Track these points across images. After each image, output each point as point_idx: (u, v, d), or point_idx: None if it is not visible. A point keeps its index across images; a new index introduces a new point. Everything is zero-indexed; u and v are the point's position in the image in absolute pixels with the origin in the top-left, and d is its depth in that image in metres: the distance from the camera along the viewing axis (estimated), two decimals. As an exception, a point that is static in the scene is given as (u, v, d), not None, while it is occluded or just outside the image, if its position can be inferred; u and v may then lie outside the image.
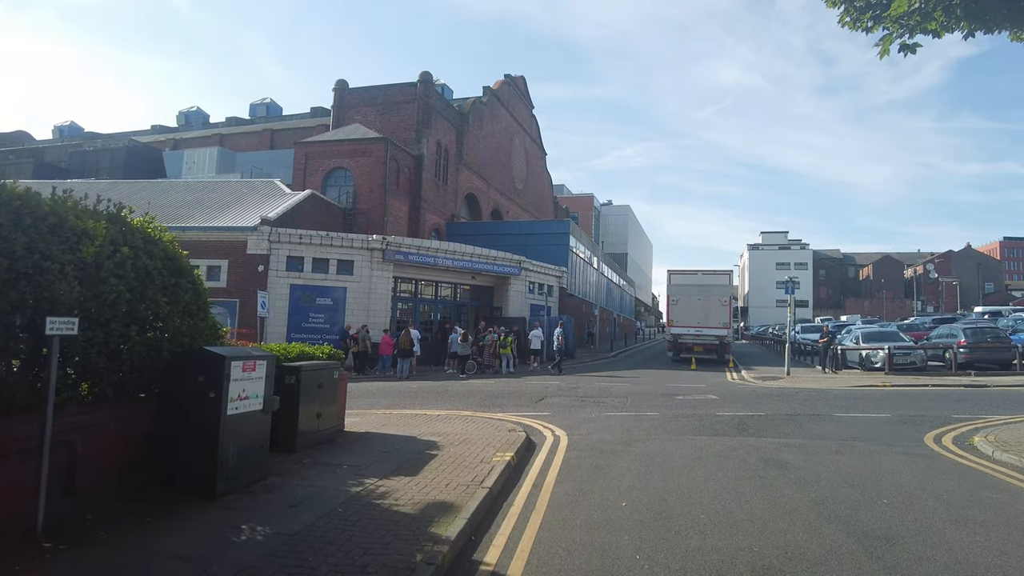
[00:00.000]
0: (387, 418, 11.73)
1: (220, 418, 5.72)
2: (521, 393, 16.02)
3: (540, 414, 12.43)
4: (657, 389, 17.08)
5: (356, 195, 33.86)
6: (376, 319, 26.25)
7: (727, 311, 27.15)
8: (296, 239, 25.79)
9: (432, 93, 37.71)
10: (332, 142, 35.02)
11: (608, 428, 10.67)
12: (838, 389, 17.20)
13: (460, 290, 31.40)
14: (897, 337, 23.13)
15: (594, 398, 14.96)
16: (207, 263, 26.16)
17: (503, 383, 18.98)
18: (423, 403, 14.48)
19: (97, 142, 48.30)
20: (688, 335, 27.22)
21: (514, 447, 8.55)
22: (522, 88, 54.60)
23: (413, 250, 27.46)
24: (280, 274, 25.65)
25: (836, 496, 6.42)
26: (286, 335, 25.47)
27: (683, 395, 15.58)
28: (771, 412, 12.37)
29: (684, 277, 27.78)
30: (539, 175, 59.19)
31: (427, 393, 16.41)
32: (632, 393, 15.99)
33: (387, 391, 16.99)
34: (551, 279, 34.19)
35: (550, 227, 40.34)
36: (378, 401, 14.82)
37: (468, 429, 10.30)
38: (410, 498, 6.12)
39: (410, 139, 36.70)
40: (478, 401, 14.59)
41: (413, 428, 10.38)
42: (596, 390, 16.73)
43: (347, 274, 26.30)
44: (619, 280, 60.74)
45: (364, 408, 13.62)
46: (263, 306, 23.59)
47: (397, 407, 13.87)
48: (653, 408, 13.14)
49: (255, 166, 41.98)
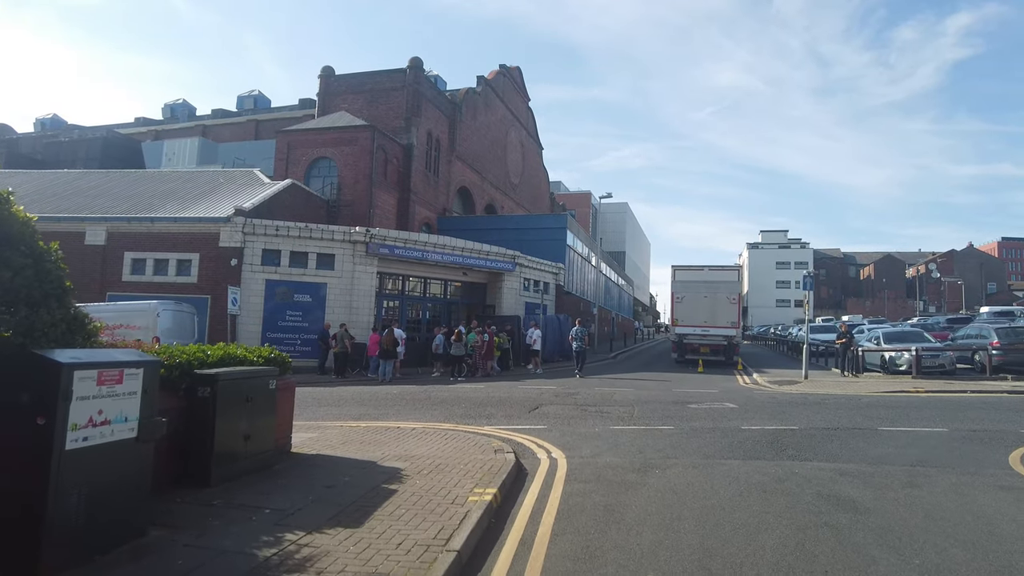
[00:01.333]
0: (351, 433, 9.84)
1: (52, 456, 3.83)
2: (513, 401, 14.14)
3: (534, 427, 10.56)
4: (666, 395, 15.22)
5: (340, 186, 31.93)
6: (359, 317, 24.35)
7: (736, 309, 25.30)
8: (272, 231, 23.86)
9: (422, 80, 35.80)
10: (315, 130, 33.07)
11: (616, 447, 8.79)
12: (868, 396, 15.38)
13: (451, 287, 29.51)
14: (921, 338, 21.33)
15: (596, 407, 13.08)
16: (177, 256, 24.30)
17: (494, 388, 17.10)
18: (400, 412, 12.59)
19: (74, 133, 46.23)
20: (694, 335, 25.37)
21: (498, 478, 6.67)
22: (518, 80, 52.71)
23: (399, 243, 25.55)
24: (255, 269, 23.73)
25: (949, 563, 4.55)
26: (260, 335, 23.59)
27: (696, 403, 13.71)
28: (805, 426, 10.51)
29: (689, 273, 25.92)
30: (535, 170, 57.32)
31: (407, 400, 14.52)
32: (639, 401, 14.12)
33: (363, 397, 15.10)
34: (547, 276, 32.31)
35: (547, 221, 38.46)
36: (348, 410, 12.92)
37: (445, 450, 8.42)
38: (341, 568, 4.23)
39: (399, 128, 34.78)
40: (463, 410, 12.71)
41: (378, 448, 8.49)
42: (598, 397, 14.86)
43: (327, 269, 24.39)
44: (618, 279, 58.90)
45: (329, 419, 11.72)
46: (234, 303, 21.70)
47: (368, 417, 11.97)
48: (666, 419, 11.27)
49: (237, 157, 39.99)
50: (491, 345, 22.44)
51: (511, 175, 50.39)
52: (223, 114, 55.20)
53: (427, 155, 36.58)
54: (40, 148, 45.05)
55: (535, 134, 57.26)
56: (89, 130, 46.83)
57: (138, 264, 24.55)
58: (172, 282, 24.10)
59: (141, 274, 24.40)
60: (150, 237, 24.54)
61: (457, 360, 21.44)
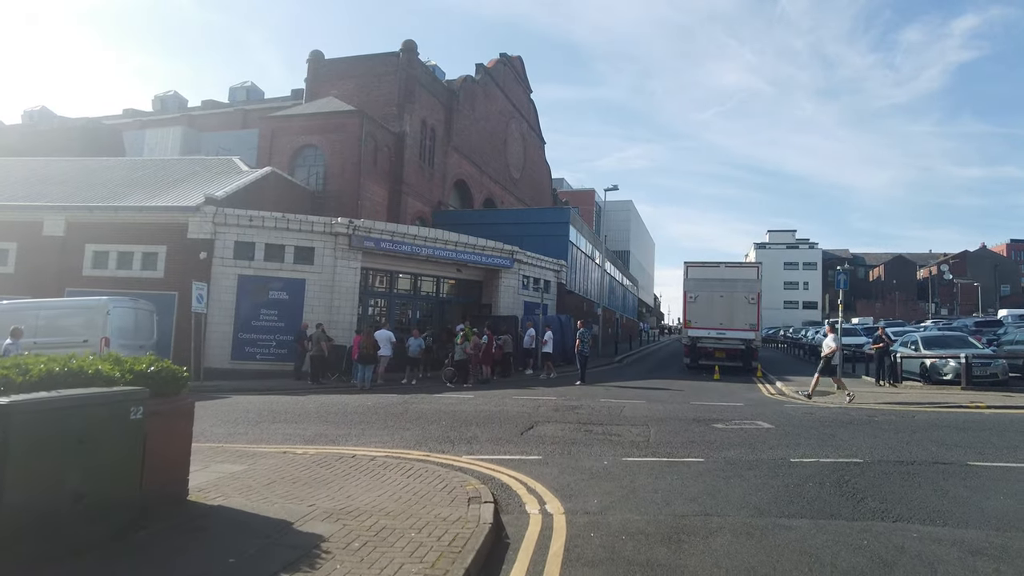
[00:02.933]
0: (289, 466, 7.63)
1: None
2: (504, 417, 11.90)
3: (525, 457, 8.33)
4: (684, 410, 12.97)
5: (327, 176, 29.76)
6: (341, 317, 22.18)
7: (755, 310, 23.02)
8: (246, 221, 21.69)
9: (416, 64, 33.59)
10: (301, 116, 30.90)
11: (633, 494, 6.55)
12: (919, 411, 13.13)
13: (444, 285, 27.30)
14: (966, 343, 19.06)
15: (603, 426, 10.85)
16: (142, 249, 22.13)
17: (485, 399, 14.87)
18: (365, 432, 10.38)
19: (54, 123, 44.15)
20: (708, 338, 23.09)
21: (464, 558, 4.45)
22: (520, 70, 50.47)
23: (386, 236, 23.35)
24: (226, 262, 21.56)
25: None
26: (232, 336, 21.47)
27: (723, 421, 11.47)
28: (870, 457, 8.26)
29: (704, 270, 23.64)
30: (537, 164, 55.06)
31: (381, 414, 12.30)
32: (653, 418, 11.88)
33: (330, 410, 12.88)
34: (548, 273, 30.07)
35: (548, 215, 36.18)
36: (304, 429, 10.71)
37: (401, 497, 6.21)
38: None
39: (391, 116, 32.58)
40: (442, 430, 10.49)
41: (312, 492, 6.29)
42: (604, 412, 12.62)
43: (306, 263, 22.21)
44: (622, 278, 56.60)
45: (274, 442, 9.52)
46: (199, 300, 19.51)
47: (324, 439, 9.76)
48: (690, 446, 9.04)
49: (222, 147, 37.72)
50: (488, 349, 20.21)
51: (511, 169, 48.17)
52: (213, 105, 53.10)
53: (421, 145, 34.38)
54: (19, 139, 42.99)
55: (537, 127, 55.02)
56: (70, 121, 44.73)
57: (100, 257, 22.37)
58: (137, 277, 21.94)
59: (103, 268, 22.22)
60: (113, 228, 22.35)
61: (462, 363, 19.33)
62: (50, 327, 16.65)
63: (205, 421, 11.51)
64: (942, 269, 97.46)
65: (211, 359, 21.08)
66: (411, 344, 18.63)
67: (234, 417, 12.05)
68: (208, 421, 11.49)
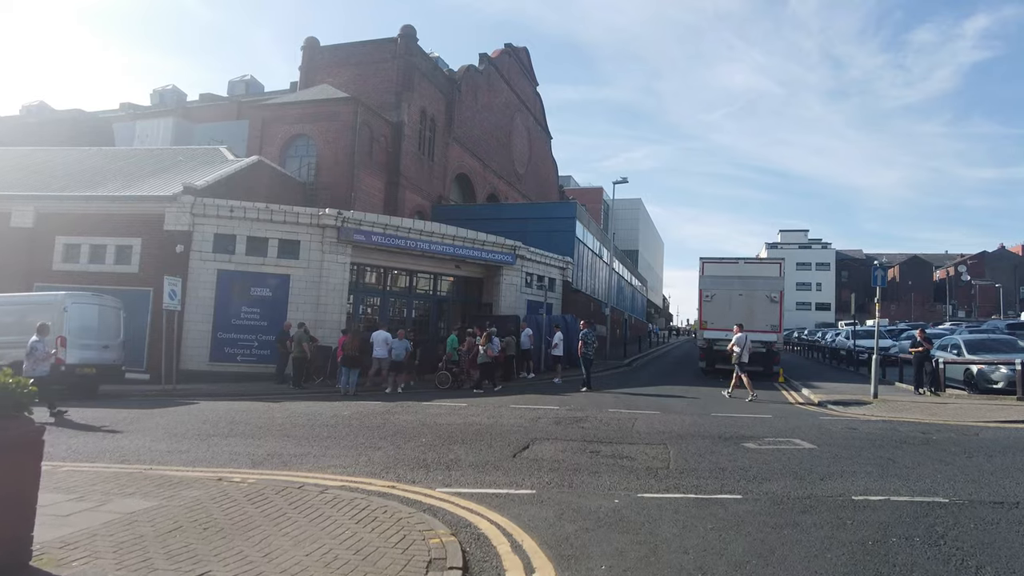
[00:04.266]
0: (211, 502, 5.96)
1: None
2: (496, 431, 10.18)
3: (514, 491, 6.62)
4: (706, 424, 11.22)
5: (319, 167, 28.16)
6: (328, 316, 20.57)
7: (777, 310, 21.19)
8: (226, 212, 20.11)
9: (416, 51, 31.93)
10: (292, 104, 29.32)
11: (654, 558, 4.80)
12: (978, 426, 11.33)
13: (442, 282, 25.63)
14: (1016, 347, 17.20)
15: (612, 445, 9.12)
16: (116, 242, 20.61)
17: (479, 408, 13.17)
18: (327, 451, 8.69)
19: (43, 115, 42.84)
20: (726, 341, 21.14)
21: None
22: (525, 62, 48.75)
23: (378, 229, 21.71)
24: (205, 256, 20.00)
25: None
26: (211, 335, 19.91)
27: (754, 439, 9.73)
28: (957, 495, 6.49)
29: (722, 267, 21.83)
30: (543, 160, 53.31)
31: (352, 427, 10.62)
32: (672, 434, 10.14)
33: (298, 421, 11.21)
34: (553, 271, 28.35)
35: (553, 210, 34.42)
36: (257, 445, 9.03)
37: (337, 559, 4.52)
38: None
39: (389, 104, 30.94)
40: (419, 449, 8.78)
41: (217, 552, 4.61)
42: (614, 426, 10.89)
43: (291, 258, 20.61)
44: (631, 278, 54.72)
45: (216, 464, 7.87)
46: (172, 296, 17.81)
47: (276, 460, 8.09)
48: (721, 475, 7.31)
49: (215, 139, 36.20)
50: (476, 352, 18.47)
51: (516, 164, 46.44)
52: (211, 99, 51.70)
53: (420, 136, 32.72)
54: (6, 132, 41.67)
55: (543, 122, 53.28)
56: (60, 113, 43.41)
57: (71, 250, 20.86)
58: (110, 272, 20.41)
59: (75, 262, 20.71)
60: (86, 219, 20.82)
61: (487, 367, 17.76)
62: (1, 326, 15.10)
63: (148, 435, 9.88)
64: (960, 270, 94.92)
65: (188, 360, 19.51)
66: (395, 346, 16.92)
67: (185, 429, 10.40)
68: (152, 435, 9.86)
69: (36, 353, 11.69)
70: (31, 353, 11.64)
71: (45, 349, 11.98)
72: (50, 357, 12.14)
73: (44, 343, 12.00)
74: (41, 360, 11.74)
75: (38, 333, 12.05)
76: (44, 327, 12.27)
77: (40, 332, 12.07)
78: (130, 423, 10.98)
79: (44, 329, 12.23)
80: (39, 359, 11.69)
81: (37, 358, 11.66)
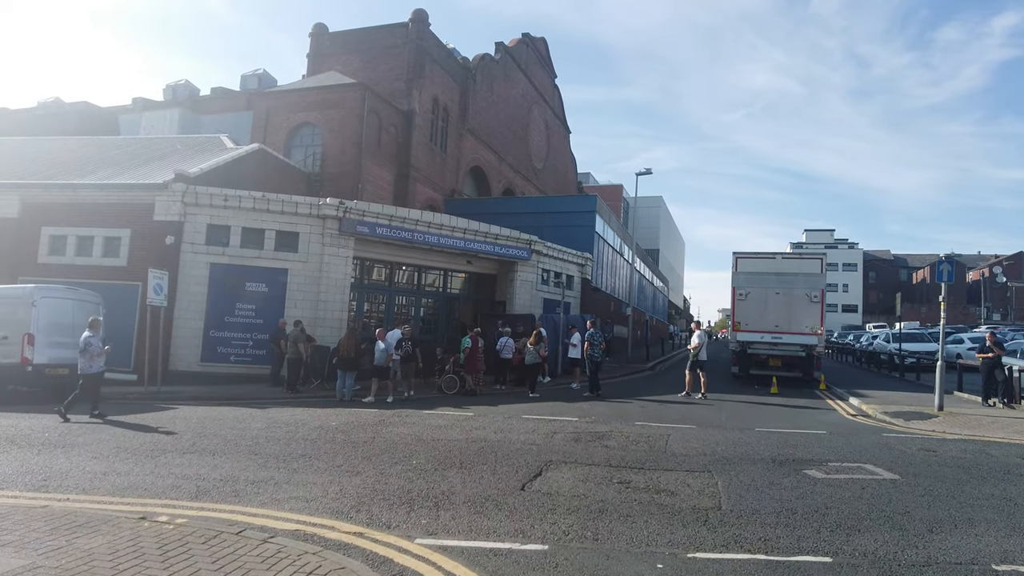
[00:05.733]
0: (107, 560, 4.36)
1: None
2: (503, 451, 8.51)
3: (518, 548, 4.93)
4: (753, 441, 9.44)
5: (324, 156, 26.70)
6: (329, 314, 19.07)
7: (818, 310, 19.26)
8: (220, 201, 18.67)
9: (427, 36, 30.37)
10: (297, 91, 27.92)
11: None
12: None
13: (452, 279, 23.98)
14: (1097, 353, 15.15)
15: (645, 472, 7.40)
16: (103, 233, 19.24)
17: (485, 419, 11.51)
18: (294, 475, 7.08)
19: (51, 108, 42.01)
20: (762, 344, 19.39)
21: None
22: (543, 52, 47.03)
23: (383, 221, 20.14)
24: (197, 249, 18.58)
25: None
26: (203, 333, 18.47)
27: (816, 463, 7.96)
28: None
29: (757, 262, 19.92)
30: (561, 154, 51.52)
31: (334, 443, 9.00)
32: (716, 455, 8.39)
33: (272, 433, 9.62)
34: (571, 267, 26.60)
35: (571, 204, 32.57)
36: (212, 467, 7.44)
37: None
38: None
39: (400, 92, 29.43)
40: (405, 475, 7.14)
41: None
42: (644, 443, 9.16)
43: (289, 251, 19.12)
44: (652, 277, 52.68)
45: (148, 494, 6.31)
46: (158, 291, 16.33)
47: (222, 490, 6.48)
48: (793, 520, 5.57)
49: (220, 130, 34.98)
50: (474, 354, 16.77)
51: (533, 159, 44.74)
52: (223, 93, 50.70)
53: (432, 125, 31.16)
54: (17, 124, 40.93)
55: (562, 115, 51.50)
56: (67, 105, 42.56)
57: (58, 242, 19.53)
58: (98, 265, 19.07)
59: (61, 255, 19.38)
60: (72, 209, 19.50)
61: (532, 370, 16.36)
62: (-34, 322, 13.76)
63: (93, 450, 8.36)
64: (995, 271, 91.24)
65: (178, 361, 18.10)
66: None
67: (140, 443, 8.87)
68: (96, 450, 8.33)
69: (91, 349, 11.38)
70: (85, 349, 11.34)
71: (100, 345, 11.65)
72: (103, 353, 11.77)
73: (98, 338, 11.66)
74: (96, 356, 11.46)
75: (90, 328, 11.67)
76: (96, 322, 11.95)
77: (92, 327, 11.71)
78: (81, 434, 9.48)
79: (95, 324, 11.87)
80: (94, 355, 11.41)
81: (92, 354, 11.38)
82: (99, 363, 11.58)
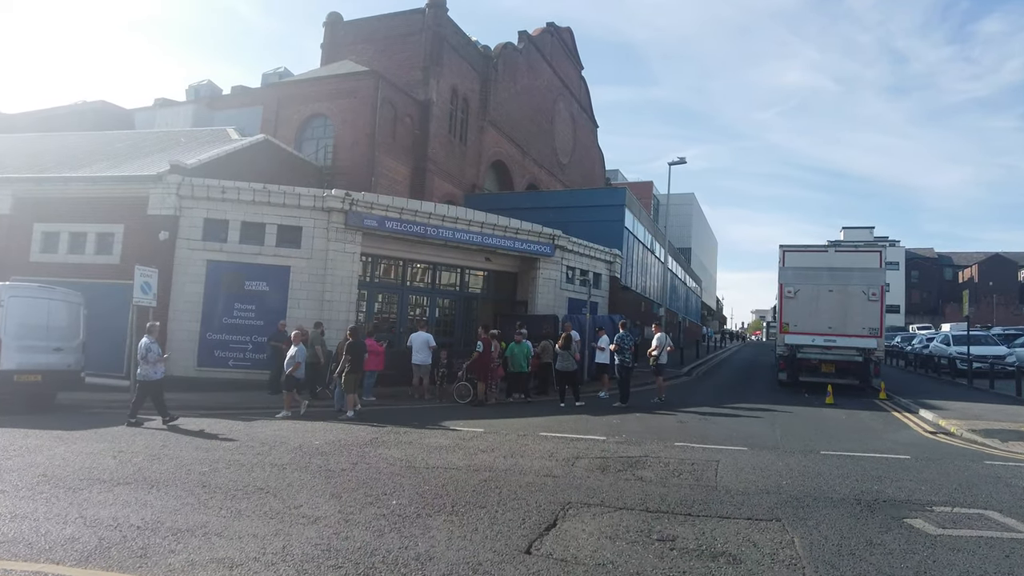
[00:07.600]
0: None
1: None
2: (508, 486, 6.75)
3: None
4: (824, 471, 7.53)
5: (336, 149, 25.28)
6: (334, 314, 17.55)
7: (876, 310, 17.10)
8: (218, 193, 17.30)
9: (445, 22, 28.81)
10: (308, 80, 26.60)
11: None
12: None
13: (470, 277, 22.30)
14: None
15: (693, 521, 5.59)
16: (96, 229, 18.06)
17: (494, 439, 9.76)
18: (229, 524, 5.42)
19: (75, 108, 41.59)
20: (813, 347, 17.28)
21: None
22: (569, 43, 45.19)
23: (393, 214, 18.58)
24: (193, 245, 17.23)
25: None
26: (199, 335, 17.09)
27: (919, 507, 6.05)
28: None
29: (806, 256, 17.82)
30: (588, 149, 49.54)
31: (306, 470, 7.36)
32: (782, 492, 6.52)
33: (249, 461, 8.00)
34: (599, 264, 24.71)
35: (600, 197, 30.63)
36: (138, 507, 5.82)
37: None
38: None
39: (416, 81, 27.91)
40: (377, 525, 5.43)
41: None
42: (688, 475, 7.33)
43: (292, 246, 17.67)
44: (685, 277, 50.32)
45: (29, 555, 4.69)
46: (145, 289, 14.86)
47: (131, 544, 4.82)
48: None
49: (232, 124, 33.98)
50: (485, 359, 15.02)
51: (559, 153, 42.88)
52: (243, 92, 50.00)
53: (451, 117, 29.58)
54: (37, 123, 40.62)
55: (589, 109, 49.54)
56: (84, 104, 42.13)
57: (50, 239, 18.40)
58: (91, 263, 17.88)
59: (53, 252, 18.24)
60: (65, 203, 18.37)
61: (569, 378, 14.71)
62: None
63: (10, 478, 6.84)
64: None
65: (174, 365, 16.57)
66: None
67: (70, 471, 7.32)
68: (10, 482, 6.79)
69: (151, 355, 11.10)
70: (145, 355, 11.07)
71: (159, 351, 11.39)
72: (163, 360, 11.48)
73: (156, 343, 11.38)
74: (156, 362, 11.16)
75: (148, 334, 11.43)
76: (153, 327, 11.70)
77: (149, 333, 11.49)
78: (11, 455, 7.99)
79: (153, 329, 11.65)
80: (153, 361, 11.10)
81: (150, 360, 11.07)
82: (160, 369, 11.24)
